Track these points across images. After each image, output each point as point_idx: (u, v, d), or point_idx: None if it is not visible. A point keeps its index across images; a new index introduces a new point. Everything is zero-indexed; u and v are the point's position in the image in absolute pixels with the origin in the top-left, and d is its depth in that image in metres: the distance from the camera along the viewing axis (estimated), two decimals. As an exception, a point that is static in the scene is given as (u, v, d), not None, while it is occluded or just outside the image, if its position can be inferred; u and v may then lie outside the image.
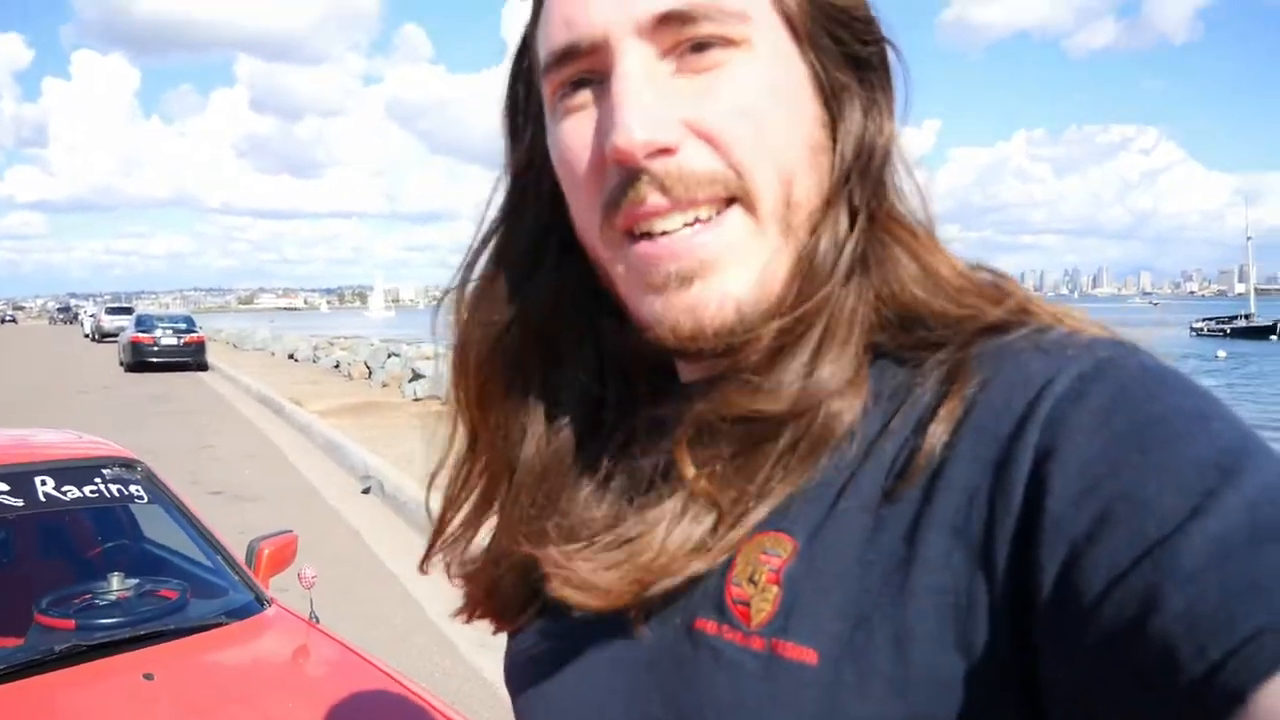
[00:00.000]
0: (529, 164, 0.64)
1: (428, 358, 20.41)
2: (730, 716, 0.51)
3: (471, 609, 0.69)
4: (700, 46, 0.54)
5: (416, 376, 16.82)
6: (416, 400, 15.11)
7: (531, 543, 0.59)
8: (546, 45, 0.57)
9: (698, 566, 0.53)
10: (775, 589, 0.52)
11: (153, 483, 3.06)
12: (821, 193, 0.57)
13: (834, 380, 0.53)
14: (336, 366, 22.10)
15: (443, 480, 0.69)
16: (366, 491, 8.49)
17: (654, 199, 0.53)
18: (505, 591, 0.65)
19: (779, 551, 0.53)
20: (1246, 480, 0.42)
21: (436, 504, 0.70)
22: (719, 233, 0.54)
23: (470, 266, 0.66)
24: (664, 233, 0.54)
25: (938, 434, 0.50)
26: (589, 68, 0.55)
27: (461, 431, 0.68)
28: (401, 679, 2.44)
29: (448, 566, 0.70)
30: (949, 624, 0.47)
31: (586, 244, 0.59)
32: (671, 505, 0.54)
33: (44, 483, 2.74)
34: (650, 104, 0.52)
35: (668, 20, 0.53)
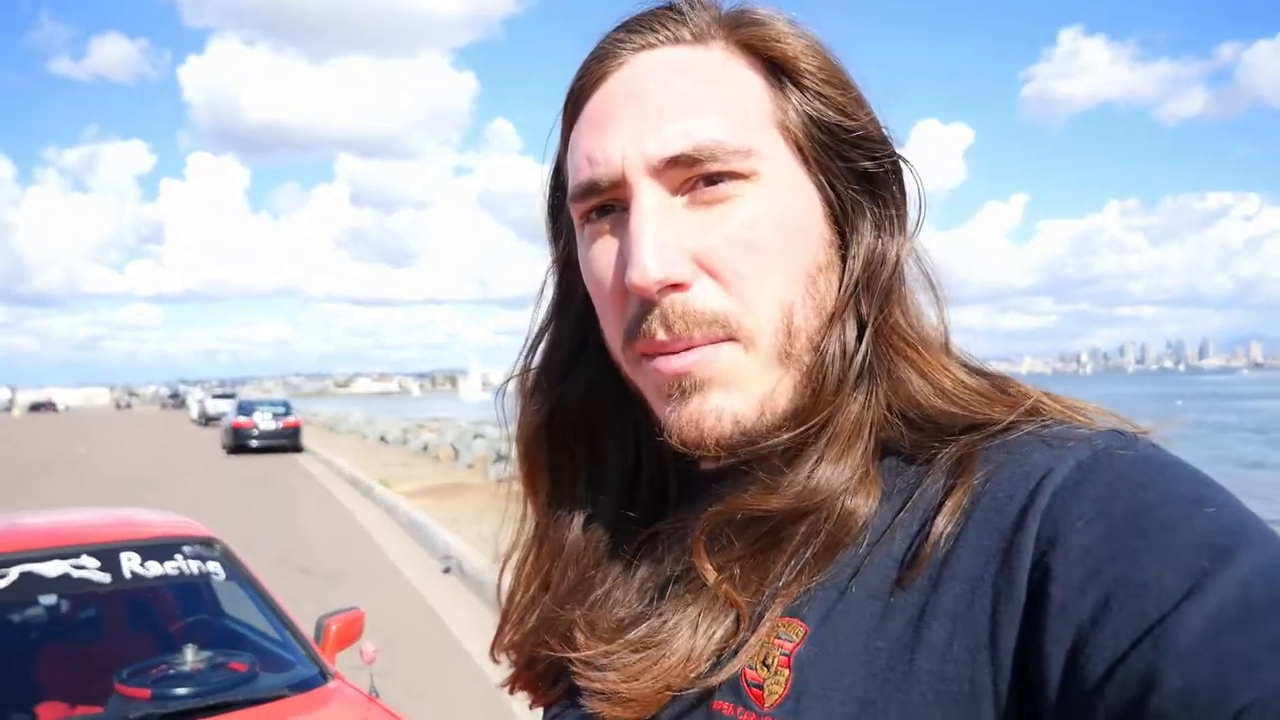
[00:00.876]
0: (568, 264, 0.70)
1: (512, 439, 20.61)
2: None
3: (515, 679, 0.73)
4: (711, 180, 0.58)
5: (501, 458, 16.97)
6: (500, 482, 15.16)
7: (561, 641, 0.64)
8: (573, 177, 0.62)
9: (721, 676, 0.56)
10: (787, 672, 0.54)
11: (230, 560, 3.22)
12: (825, 312, 0.61)
13: (839, 479, 0.57)
14: (425, 449, 22.54)
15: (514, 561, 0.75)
16: (447, 571, 8.60)
17: (660, 335, 0.58)
18: (541, 666, 0.69)
19: (791, 636, 0.55)
20: (1241, 559, 0.44)
21: (508, 584, 0.75)
22: (716, 357, 0.58)
23: (529, 355, 0.73)
24: (672, 353, 0.59)
25: (943, 525, 0.52)
26: (611, 198, 0.60)
27: (530, 514, 0.74)
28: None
29: (503, 637, 0.74)
30: (952, 709, 0.49)
31: (614, 356, 0.65)
32: (693, 609, 0.58)
33: (130, 559, 2.93)
34: (663, 241, 0.57)
35: (676, 162, 0.57)
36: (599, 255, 0.62)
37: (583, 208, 0.62)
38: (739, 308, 0.58)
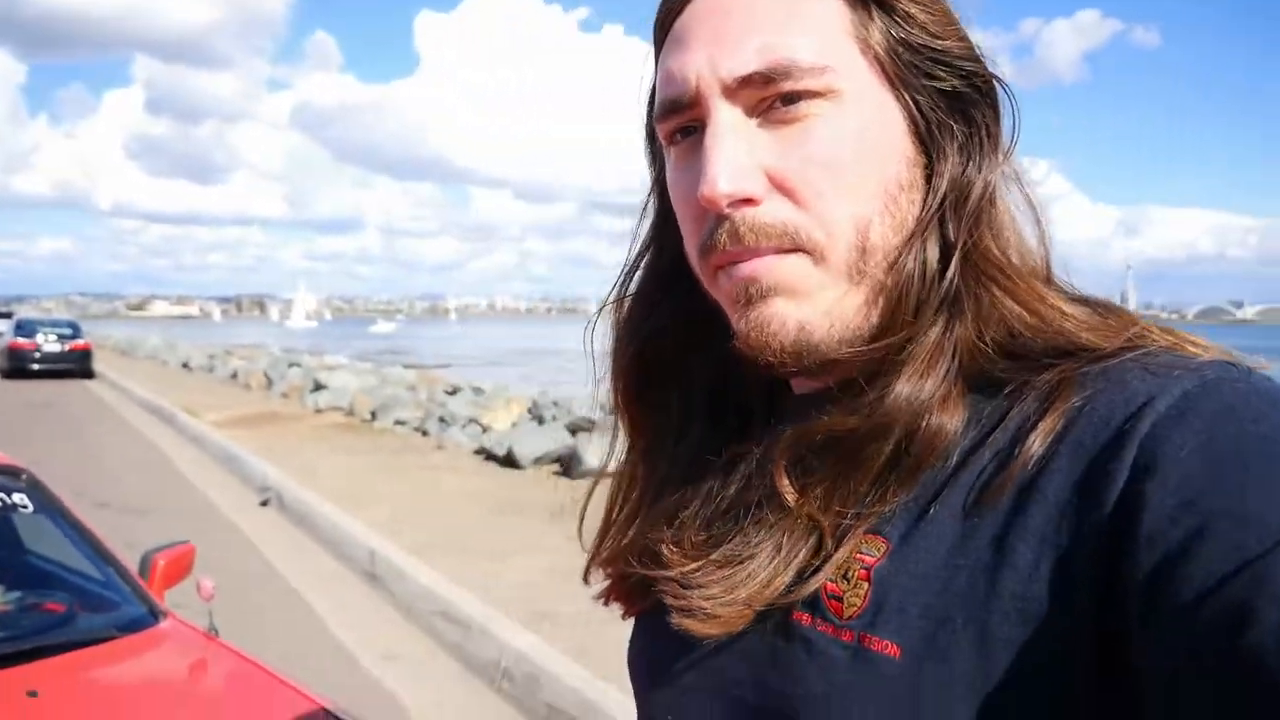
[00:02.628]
0: (661, 187, 0.70)
1: (330, 368, 19.90)
2: (816, 704, 0.55)
3: (609, 592, 0.74)
4: (789, 99, 0.57)
5: (319, 387, 16.37)
6: (318, 412, 14.71)
7: (650, 559, 0.65)
8: (657, 97, 0.63)
9: (803, 592, 0.56)
10: (866, 585, 0.55)
11: (38, 490, 2.91)
12: (905, 230, 0.59)
13: (919, 398, 0.56)
14: (234, 376, 21.35)
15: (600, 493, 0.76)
16: (264, 504, 8.22)
17: (731, 246, 0.59)
18: (632, 581, 0.69)
19: (872, 551, 0.56)
20: None
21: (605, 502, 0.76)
22: (781, 265, 0.58)
23: (625, 281, 0.74)
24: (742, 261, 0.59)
25: (1034, 447, 0.51)
26: (691, 118, 0.61)
27: (623, 433, 0.75)
28: (305, 691, 2.37)
29: (599, 554, 0.74)
30: (1033, 630, 0.48)
31: (696, 272, 0.65)
32: (777, 530, 0.58)
33: (-82, 491, 2.58)
34: (734, 158, 0.57)
35: (749, 81, 0.57)
36: (680, 174, 0.62)
37: (666, 128, 0.63)
38: (811, 221, 0.58)
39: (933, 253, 0.59)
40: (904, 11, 0.59)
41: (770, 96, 0.58)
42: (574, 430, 10.59)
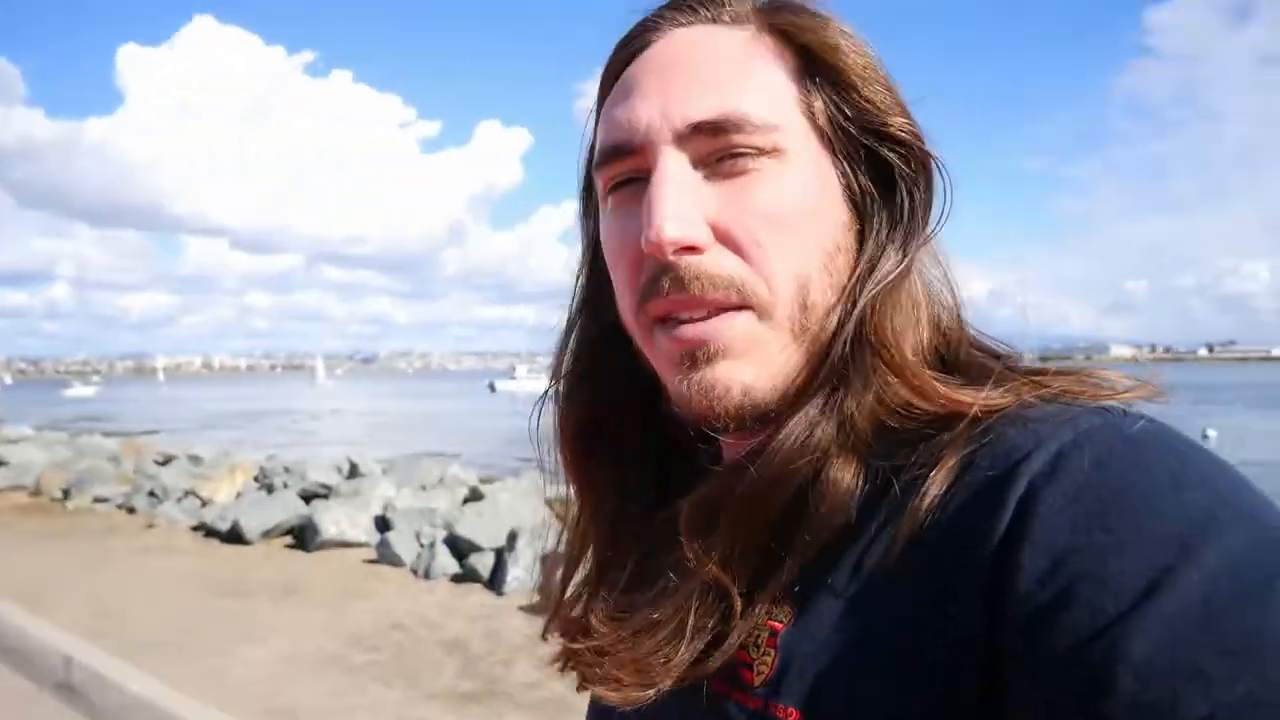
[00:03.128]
0: (596, 247, 0.70)
1: (10, 440, 17.39)
2: None
3: (564, 662, 0.72)
4: (735, 154, 0.59)
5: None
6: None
7: (580, 631, 0.66)
8: (600, 144, 0.63)
9: (716, 662, 0.58)
10: (773, 652, 0.57)
11: None
12: (838, 291, 0.61)
13: (807, 448, 0.57)
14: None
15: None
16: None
17: (675, 294, 0.59)
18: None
19: (780, 617, 0.57)
20: (1207, 554, 0.43)
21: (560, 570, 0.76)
22: (730, 326, 0.59)
23: (561, 354, 0.74)
24: (686, 320, 0.59)
25: (921, 510, 0.53)
26: (635, 167, 0.61)
27: (574, 498, 0.75)
28: None
29: (556, 620, 0.74)
30: (924, 691, 0.49)
31: (628, 328, 0.65)
32: (683, 598, 0.59)
33: None
34: (682, 205, 0.57)
35: (701, 129, 0.58)
36: (619, 223, 0.62)
37: (607, 174, 0.63)
38: (754, 275, 0.59)
39: (864, 320, 0.60)
40: (848, 84, 0.61)
41: (718, 149, 0.59)
42: (308, 498, 9.92)
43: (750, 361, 0.59)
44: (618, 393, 0.71)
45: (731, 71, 0.60)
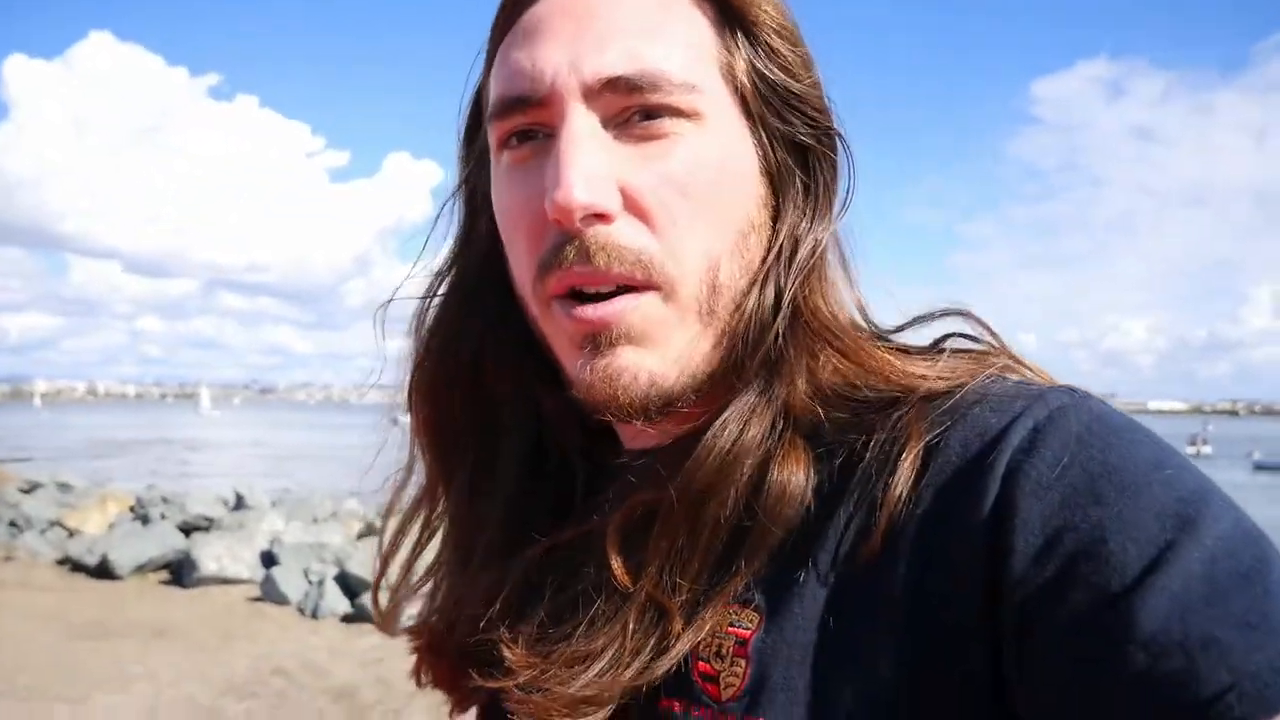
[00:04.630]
0: (473, 197, 0.66)
1: None
2: None
3: (422, 675, 0.70)
4: (649, 115, 0.55)
5: None
6: None
7: (489, 669, 0.58)
8: (496, 92, 0.58)
9: (658, 672, 0.53)
10: (744, 662, 0.52)
11: None
12: (750, 273, 0.57)
13: (750, 449, 0.54)
14: None
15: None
16: None
17: (579, 266, 0.54)
18: (457, 671, 0.65)
19: (745, 624, 0.53)
20: (1204, 530, 0.43)
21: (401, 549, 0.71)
22: (636, 310, 0.55)
23: (428, 292, 0.68)
24: (592, 296, 0.55)
25: (896, 492, 0.50)
26: (535, 120, 0.56)
27: (424, 468, 0.69)
28: None
29: (391, 616, 0.70)
30: (922, 689, 0.47)
31: (522, 296, 0.60)
32: (619, 620, 0.54)
33: None
34: (592, 166, 0.53)
35: (614, 85, 0.54)
36: (516, 182, 0.57)
37: (504, 127, 0.57)
38: (664, 252, 0.55)
39: (767, 302, 0.57)
40: (767, 43, 0.58)
41: (632, 107, 0.55)
42: (188, 531, 9.35)
43: (655, 347, 0.55)
44: (486, 361, 0.65)
45: (650, 19, 0.55)
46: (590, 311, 0.55)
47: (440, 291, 0.67)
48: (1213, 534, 0.43)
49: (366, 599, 7.28)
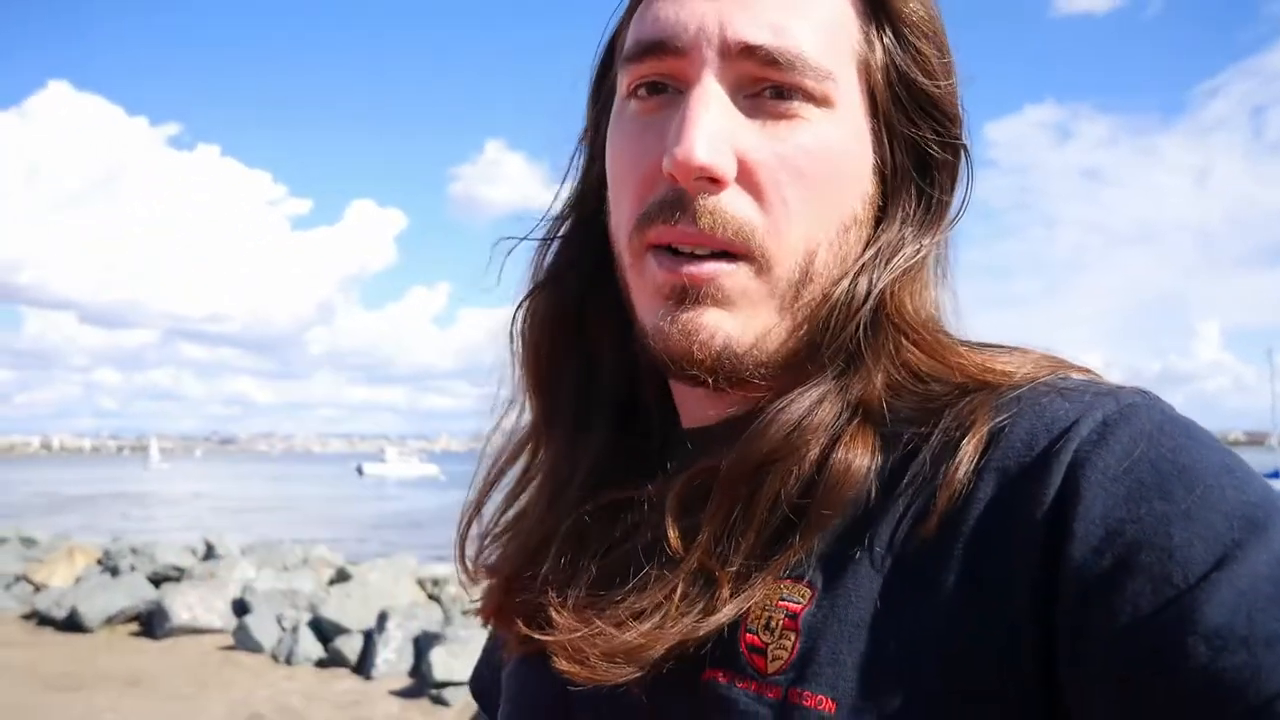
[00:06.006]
0: (595, 147, 0.66)
1: None
2: None
3: (488, 615, 0.69)
4: (781, 92, 0.54)
5: None
6: None
7: (539, 623, 0.59)
8: (635, 35, 0.57)
9: (700, 634, 0.52)
10: (793, 636, 0.51)
11: None
12: (844, 267, 0.57)
13: (811, 433, 0.53)
14: None
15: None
16: None
17: (684, 224, 0.54)
18: (510, 620, 0.64)
19: (796, 599, 0.52)
20: (1273, 533, 0.42)
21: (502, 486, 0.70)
22: (730, 275, 0.55)
23: (551, 233, 0.68)
24: (688, 256, 0.55)
25: (957, 475, 0.49)
26: (669, 71, 0.56)
27: (528, 408, 0.69)
28: None
29: (479, 554, 0.70)
30: (970, 673, 0.45)
31: (615, 241, 0.60)
32: (668, 587, 0.53)
33: None
34: (717, 130, 0.53)
35: (752, 53, 0.53)
36: (637, 132, 0.57)
37: (638, 71, 0.57)
38: (766, 228, 0.55)
39: (856, 297, 0.56)
40: (910, 41, 0.57)
41: (765, 80, 0.54)
42: (158, 581, 9.23)
43: (739, 314, 0.55)
44: (590, 306, 0.66)
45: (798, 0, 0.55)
46: (686, 266, 0.55)
47: (560, 234, 0.68)
48: None
49: (340, 643, 7.29)
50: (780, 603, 0.52)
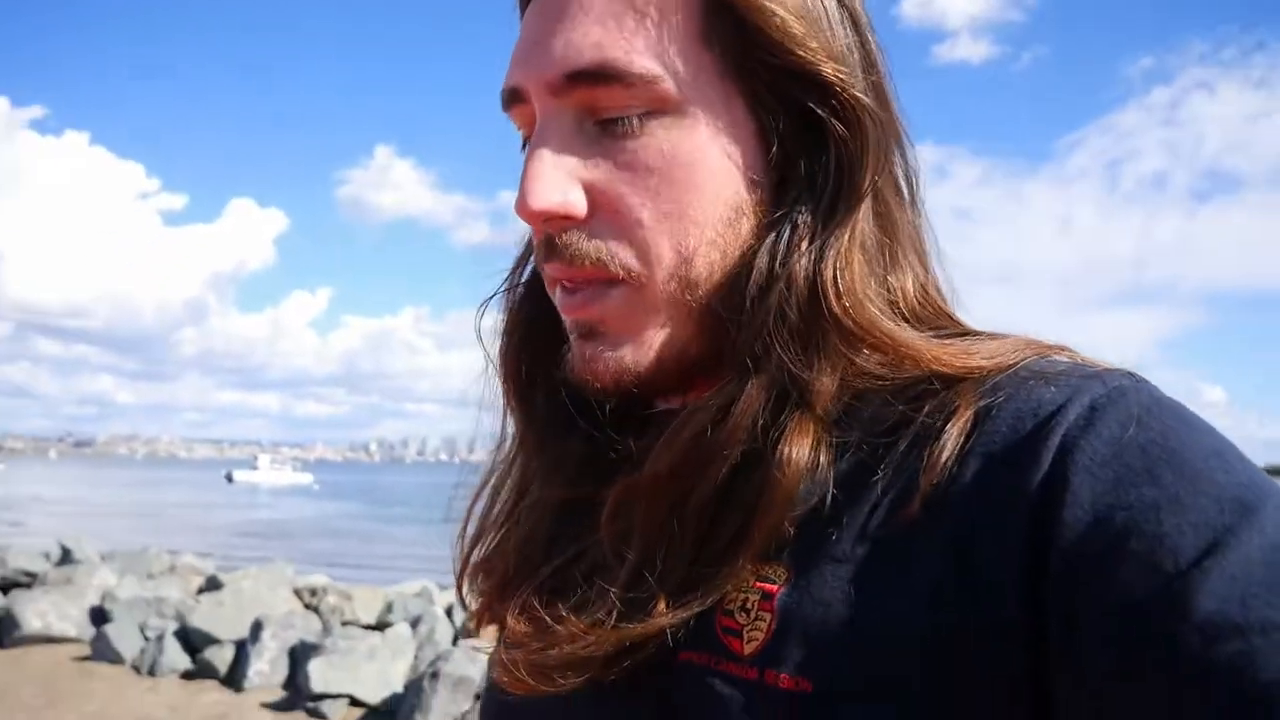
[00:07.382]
0: None
1: None
2: None
3: (479, 623, 0.68)
4: (618, 109, 0.53)
5: None
6: None
7: (492, 613, 0.63)
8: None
9: (633, 635, 0.51)
10: (768, 617, 0.50)
11: None
12: (741, 257, 0.55)
13: (739, 427, 0.52)
14: None
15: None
16: None
17: (550, 264, 0.56)
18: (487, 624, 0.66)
19: (772, 579, 0.51)
20: (1266, 518, 0.41)
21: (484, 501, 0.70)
22: (603, 303, 0.55)
23: (519, 267, 0.69)
24: (571, 290, 0.56)
25: (941, 456, 0.48)
26: (526, 121, 0.58)
27: (513, 427, 0.69)
28: None
29: (466, 568, 0.69)
30: (953, 658, 0.45)
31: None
32: (605, 599, 0.53)
33: None
34: (548, 172, 0.53)
35: (577, 80, 0.52)
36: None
37: (514, 120, 0.59)
38: (628, 250, 0.54)
39: (777, 284, 0.53)
40: (767, 13, 0.52)
41: (598, 102, 0.53)
42: (7, 587, 8.61)
43: (629, 338, 0.55)
44: (542, 326, 0.66)
45: (620, 6, 0.52)
46: (568, 301, 0.56)
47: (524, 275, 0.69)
48: (1274, 522, 0.41)
49: (209, 654, 6.95)
50: (756, 583, 0.51)
